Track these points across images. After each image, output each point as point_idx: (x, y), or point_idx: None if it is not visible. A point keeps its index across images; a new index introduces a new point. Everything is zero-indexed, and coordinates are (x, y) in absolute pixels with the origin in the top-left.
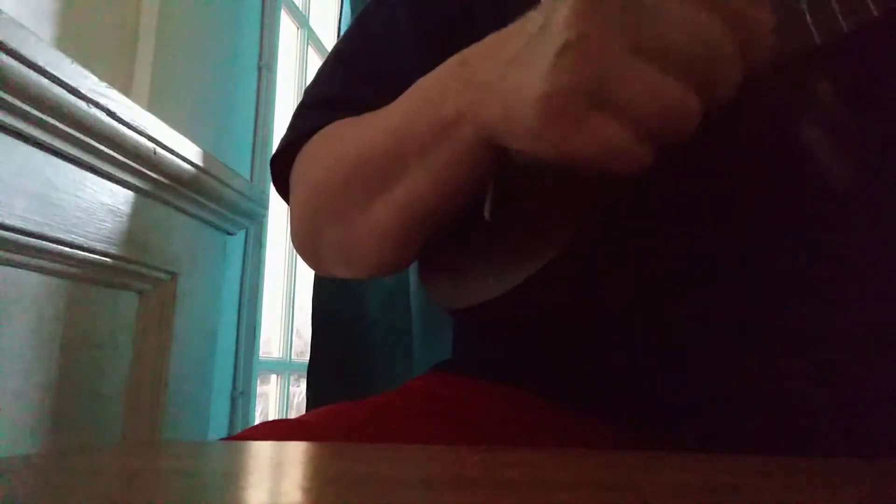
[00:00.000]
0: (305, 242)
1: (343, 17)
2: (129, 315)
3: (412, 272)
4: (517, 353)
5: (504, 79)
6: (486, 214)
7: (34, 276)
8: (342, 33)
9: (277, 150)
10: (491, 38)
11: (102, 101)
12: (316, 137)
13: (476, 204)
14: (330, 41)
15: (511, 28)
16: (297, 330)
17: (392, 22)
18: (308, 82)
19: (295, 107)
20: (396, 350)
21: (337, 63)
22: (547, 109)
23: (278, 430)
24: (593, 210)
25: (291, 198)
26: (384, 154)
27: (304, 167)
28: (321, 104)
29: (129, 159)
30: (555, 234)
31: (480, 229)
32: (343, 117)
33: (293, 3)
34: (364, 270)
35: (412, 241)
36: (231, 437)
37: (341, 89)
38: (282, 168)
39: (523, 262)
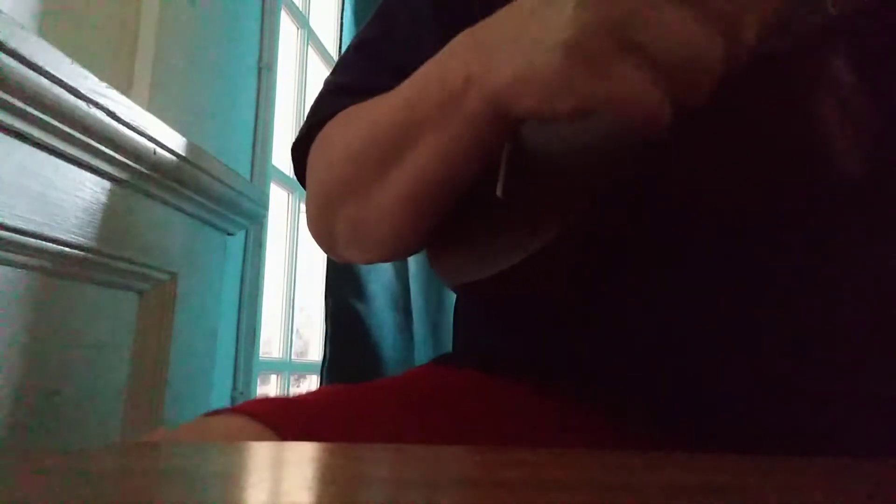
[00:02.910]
0: (320, 224)
1: (345, 16)
2: (129, 315)
3: (412, 277)
4: (517, 347)
5: (518, 38)
6: (499, 192)
7: (35, 277)
8: (345, 31)
9: (297, 138)
10: (500, 11)
11: (102, 101)
12: (332, 121)
13: (482, 181)
14: (330, 41)
15: None
16: (297, 330)
17: (414, 13)
18: (308, 82)
19: (295, 107)
20: (399, 349)
21: (358, 53)
22: (574, 52)
23: (276, 403)
24: (597, 190)
25: (308, 181)
26: (396, 126)
27: (321, 149)
28: (341, 91)
29: (129, 159)
30: (560, 212)
31: (487, 206)
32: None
33: (293, 3)
34: (376, 250)
35: (423, 215)
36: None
37: (361, 78)
38: (301, 155)
39: (528, 239)
